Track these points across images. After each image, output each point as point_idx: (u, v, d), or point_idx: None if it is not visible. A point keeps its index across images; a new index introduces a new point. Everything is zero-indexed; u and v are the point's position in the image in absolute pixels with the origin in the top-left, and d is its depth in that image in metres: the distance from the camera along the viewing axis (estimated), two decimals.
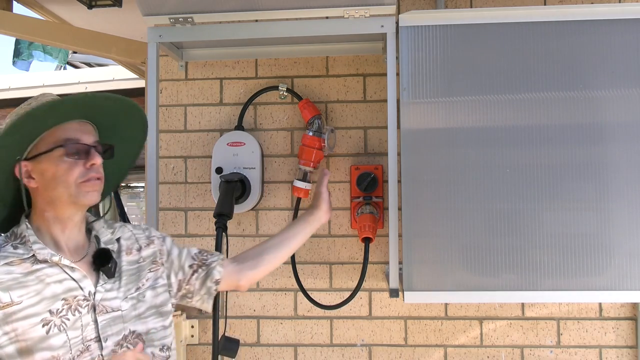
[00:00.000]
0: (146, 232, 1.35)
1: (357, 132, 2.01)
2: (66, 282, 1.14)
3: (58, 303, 1.11)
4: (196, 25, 1.73)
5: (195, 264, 1.38)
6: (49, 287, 1.11)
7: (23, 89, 4.10)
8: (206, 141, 2.06)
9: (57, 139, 1.15)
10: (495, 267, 1.57)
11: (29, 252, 1.13)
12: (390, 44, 1.63)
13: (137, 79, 3.60)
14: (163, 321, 1.25)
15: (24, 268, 1.11)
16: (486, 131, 1.59)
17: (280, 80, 2.03)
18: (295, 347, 2.02)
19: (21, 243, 1.14)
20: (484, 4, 2.01)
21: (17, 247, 1.13)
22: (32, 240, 1.14)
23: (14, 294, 1.08)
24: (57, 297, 1.11)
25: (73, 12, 2.56)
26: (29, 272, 1.11)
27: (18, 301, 1.07)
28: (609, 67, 1.57)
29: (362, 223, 1.79)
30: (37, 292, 1.10)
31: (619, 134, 1.57)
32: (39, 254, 1.13)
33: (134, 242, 1.30)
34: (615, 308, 1.94)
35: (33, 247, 1.13)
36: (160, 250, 1.34)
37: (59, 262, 1.14)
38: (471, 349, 1.97)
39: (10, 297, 1.07)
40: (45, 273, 1.12)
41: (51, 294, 1.11)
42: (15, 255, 1.12)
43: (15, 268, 1.10)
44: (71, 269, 1.15)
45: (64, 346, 1.10)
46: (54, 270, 1.13)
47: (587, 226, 1.56)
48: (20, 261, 1.11)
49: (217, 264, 1.40)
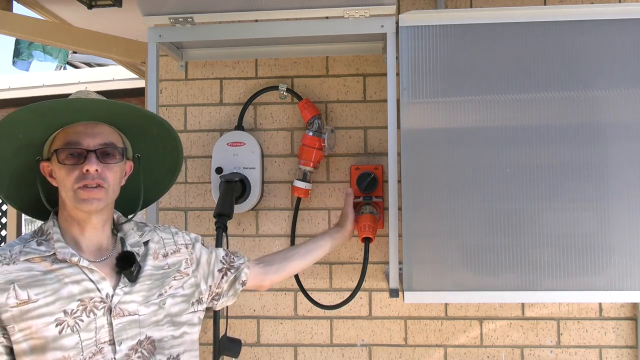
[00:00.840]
0: (175, 237, 1.32)
1: (357, 132, 2.01)
2: (84, 283, 1.13)
3: (73, 304, 1.10)
4: (196, 25, 1.73)
5: (225, 267, 1.39)
6: (66, 287, 1.11)
7: (23, 89, 4.11)
8: (206, 141, 2.06)
9: (60, 141, 1.15)
10: (495, 267, 1.57)
11: (50, 250, 1.13)
12: (390, 44, 1.63)
13: (137, 79, 3.60)
14: (174, 331, 1.23)
15: (44, 266, 1.11)
16: (486, 131, 1.59)
17: (280, 80, 2.03)
18: (295, 347, 2.02)
19: (45, 240, 1.15)
20: (484, 4, 2.01)
21: (41, 244, 1.14)
22: (56, 239, 1.14)
23: (32, 291, 1.08)
24: (73, 297, 1.11)
25: (73, 12, 2.56)
26: (48, 271, 1.11)
27: (35, 299, 1.08)
28: (609, 67, 1.57)
29: (362, 223, 1.79)
30: (54, 292, 1.10)
31: (619, 134, 1.57)
32: (59, 253, 1.13)
33: (162, 247, 1.28)
34: (615, 308, 1.94)
35: (55, 245, 1.13)
36: (189, 259, 1.31)
37: (78, 263, 1.13)
38: (471, 349, 1.97)
39: (28, 294, 1.08)
40: (63, 273, 1.12)
41: (67, 294, 1.10)
42: (37, 252, 1.12)
43: (35, 265, 1.11)
44: (90, 271, 1.14)
45: (75, 347, 1.09)
46: (72, 270, 1.13)
47: (587, 226, 1.56)
48: (40, 259, 1.12)
49: (244, 266, 1.42)
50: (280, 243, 2.02)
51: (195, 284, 1.30)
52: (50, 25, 2.44)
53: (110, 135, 1.18)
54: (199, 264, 1.33)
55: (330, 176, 2.01)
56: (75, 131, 1.15)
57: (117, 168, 1.18)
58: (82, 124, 1.16)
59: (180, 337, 1.24)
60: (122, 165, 1.21)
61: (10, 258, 1.10)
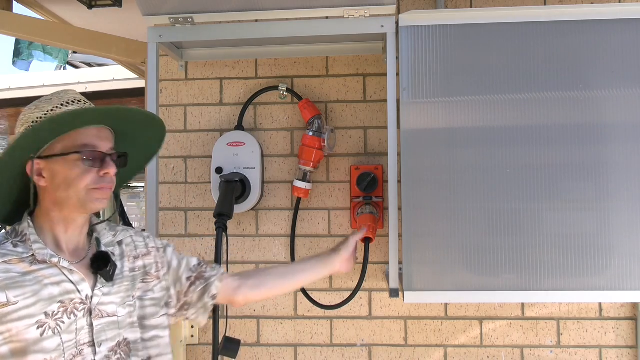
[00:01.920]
0: (146, 240, 1.33)
1: (357, 132, 2.01)
2: (64, 284, 1.12)
3: (54, 305, 1.10)
4: (196, 25, 1.73)
5: (194, 276, 1.37)
6: (46, 288, 1.10)
7: (23, 89, 4.10)
8: (206, 141, 2.06)
9: (75, 143, 1.15)
10: (495, 267, 1.57)
11: (28, 252, 1.11)
12: (390, 44, 1.63)
13: (137, 79, 3.60)
14: (143, 334, 1.23)
15: (22, 267, 1.10)
16: (486, 131, 1.59)
17: (280, 80, 2.03)
18: (295, 347, 2.02)
19: (21, 241, 1.13)
20: (484, 4, 2.01)
21: (17, 245, 1.12)
22: (33, 240, 1.13)
23: (11, 293, 1.06)
24: (53, 299, 1.10)
25: (73, 12, 2.56)
26: (27, 272, 1.10)
27: (14, 301, 1.06)
28: (609, 67, 1.57)
29: (362, 223, 1.79)
30: (34, 293, 1.08)
31: (618, 134, 1.57)
32: (39, 254, 1.12)
33: (133, 249, 1.29)
34: (615, 308, 1.94)
35: (33, 246, 1.12)
36: (160, 262, 1.32)
37: (58, 264, 1.13)
38: (471, 349, 1.97)
39: (7, 296, 1.06)
40: (43, 274, 1.11)
41: (48, 296, 1.09)
42: (14, 254, 1.10)
43: (13, 267, 1.09)
44: (70, 271, 1.14)
45: (57, 349, 1.08)
46: (52, 271, 1.12)
47: (587, 226, 1.56)
48: (18, 260, 1.10)
49: (215, 279, 1.39)
50: (280, 243, 2.02)
51: (166, 288, 1.31)
52: (50, 25, 2.44)
53: (112, 139, 1.22)
54: (169, 268, 1.34)
55: (330, 176, 2.01)
56: (91, 134, 1.17)
57: None
58: (94, 128, 1.18)
59: (151, 341, 1.24)
60: None
61: None
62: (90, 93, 3.82)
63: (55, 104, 1.15)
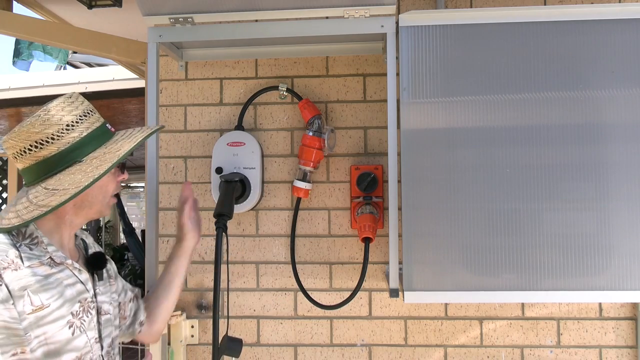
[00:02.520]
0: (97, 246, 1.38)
1: (357, 132, 2.01)
2: (77, 285, 1.17)
3: (76, 305, 1.14)
4: (196, 25, 1.73)
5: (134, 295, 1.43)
6: (67, 289, 1.14)
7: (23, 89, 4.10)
8: (206, 141, 2.06)
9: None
10: (495, 267, 1.57)
11: (45, 254, 1.13)
12: (390, 44, 1.63)
13: (137, 79, 3.60)
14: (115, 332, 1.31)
15: (44, 270, 1.11)
16: (486, 131, 1.59)
17: (280, 80, 2.03)
18: (295, 347, 2.02)
19: (33, 244, 1.13)
20: (484, 4, 2.01)
21: (32, 249, 1.12)
22: (46, 242, 1.14)
23: (42, 296, 1.08)
24: (74, 299, 1.14)
25: (73, 12, 2.56)
26: (49, 275, 1.12)
27: (47, 304, 1.08)
28: (609, 67, 1.57)
29: (362, 223, 1.79)
30: (60, 295, 1.11)
31: (618, 134, 1.57)
32: (56, 256, 1.14)
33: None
34: (615, 308, 1.94)
35: (48, 249, 1.14)
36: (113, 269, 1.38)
37: (70, 265, 1.16)
38: (471, 349, 1.97)
39: (40, 300, 1.08)
40: (61, 276, 1.14)
41: (70, 296, 1.14)
42: (34, 257, 1.12)
43: (36, 270, 1.10)
44: (79, 271, 1.18)
45: (85, 346, 1.14)
46: (66, 272, 1.16)
47: (587, 226, 1.56)
48: (39, 263, 1.11)
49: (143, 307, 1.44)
50: (280, 243, 2.02)
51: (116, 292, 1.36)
52: (50, 25, 2.43)
53: None
54: (117, 277, 1.39)
55: (330, 176, 2.01)
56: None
57: None
58: None
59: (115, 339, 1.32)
60: None
61: (15, 264, 1.07)
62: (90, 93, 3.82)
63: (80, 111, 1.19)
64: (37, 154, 1.11)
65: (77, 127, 1.14)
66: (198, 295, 2.04)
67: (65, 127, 1.12)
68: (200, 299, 2.04)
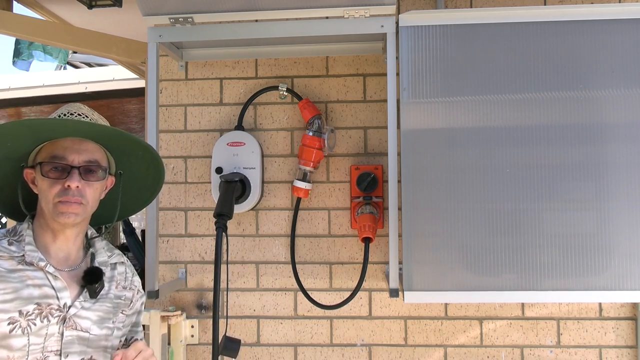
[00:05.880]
0: (134, 277, 1.33)
1: (357, 132, 2.01)
2: (45, 288, 1.13)
3: (30, 306, 1.10)
4: (196, 25, 1.73)
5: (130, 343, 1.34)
6: (27, 288, 1.12)
7: (23, 89, 4.10)
8: (206, 141, 2.06)
9: (46, 154, 1.16)
10: (495, 267, 1.57)
11: (20, 252, 1.14)
12: (390, 44, 1.63)
13: (137, 79, 3.60)
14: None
15: (9, 264, 1.12)
16: (486, 131, 1.59)
17: (280, 80, 2.03)
18: (295, 347, 2.02)
19: (17, 241, 1.16)
20: (484, 4, 2.01)
21: (12, 244, 1.15)
22: (27, 241, 1.16)
23: None
24: (31, 300, 1.11)
25: (73, 12, 2.56)
26: (13, 270, 1.12)
27: None
28: (609, 67, 1.57)
29: (362, 223, 1.79)
30: (15, 290, 1.10)
31: (619, 134, 1.57)
32: (28, 255, 1.14)
33: (123, 279, 1.29)
34: (615, 308, 1.94)
35: (25, 248, 1.15)
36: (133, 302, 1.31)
37: (44, 268, 1.14)
38: (471, 349, 1.97)
39: None
40: (27, 275, 1.13)
41: (27, 296, 1.11)
42: (6, 251, 1.13)
43: (2, 262, 1.12)
44: (54, 277, 1.15)
45: (21, 349, 1.09)
46: (37, 274, 1.14)
47: (587, 226, 1.56)
48: (9, 257, 1.13)
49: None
50: (280, 243, 2.02)
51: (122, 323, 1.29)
52: (50, 25, 2.43)
53: (95, 153, 1.20)
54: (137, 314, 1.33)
55: (330, 176, 2.01)
56: (62, 146, 1.16)
57: (97, 185, 1.20)
58: (69, 139, 1.17)
59: None
60: (104, 182, 1.23)
61: None
62: (91, 93, 3.82)
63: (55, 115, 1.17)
64: None
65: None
66: (198, 295, 2.04)
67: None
68: (200, 299, 2.04)
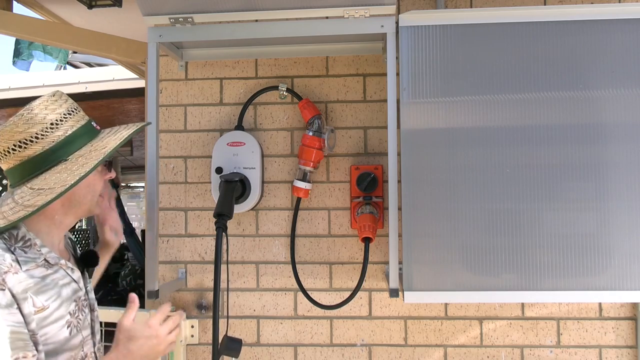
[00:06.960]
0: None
1: (357, 132, 2.01)
2: (72, 284, 1.18)
3: (72, 304, 1.15)
4: (196, 25, 1.73)
5: None
6: (63, 289, 1.14)
7: (23, 89, 4.10)
8: (206, 141, 2.06)
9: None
10: (495, 267, 1.57)
11: (39, 256, 1.12)
12: (390, 44, 1.63)
13: (137, 79, 3.60)
14: None
15: (40, 272, 1.11)
16: (486, 131, 1.59)
17: (280, 80, 2.03)
18: (295, 347, 2.02)
19: (27, 246, 1.12)
20: (484, 4, 2.01)
21: (26, 252, 1.11)
22: (39, 244, 1.13)
23: (42, 298, 1.08)
24: (70, 298, 1.15)
25: (73, 12, 2.56)
26: (45, 276, 1.12)
27: (47, 305, 1.08)
28: (609, 67, 1.57)
29: (362, 223, 1.79)
30: (58, 295, 1.12)
31: (618, 134, 1.57)
32: (50, 257, 1.14)
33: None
34: (615, 308, 1.94)
35: (42, 250, 1.13)
36: None
37: (63, 265, 1.17)
38: (471, 349, 1.97)
39: (41, 302, 1.08)
40: (56, 277, 1.14)
41: (66, 296, 1.14)
42: (31, 260, 1.11)
43: (34, 272, 1.10)
44: (71, 270, 1.19)
45: (79, 345, 1.15)
46: (61, 273, 1.16)
47: (587, 226, 1.56)
48: (35, 265, 1.11)
49: None
50: (280, 243, 2.02)
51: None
52: (50, 25, 2.43)
53: None
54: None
55: (330, 176, 2.01)
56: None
57: None
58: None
59: None
60: None
61: (14, 267, 1.06)
62: (91, 93, 3.82)
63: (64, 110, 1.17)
64: (22, 154, 1.09)
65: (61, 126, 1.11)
66: (198, 295, 2.04)
67: (49, 126, 1.10)
68: (200, 299, 2.04)
